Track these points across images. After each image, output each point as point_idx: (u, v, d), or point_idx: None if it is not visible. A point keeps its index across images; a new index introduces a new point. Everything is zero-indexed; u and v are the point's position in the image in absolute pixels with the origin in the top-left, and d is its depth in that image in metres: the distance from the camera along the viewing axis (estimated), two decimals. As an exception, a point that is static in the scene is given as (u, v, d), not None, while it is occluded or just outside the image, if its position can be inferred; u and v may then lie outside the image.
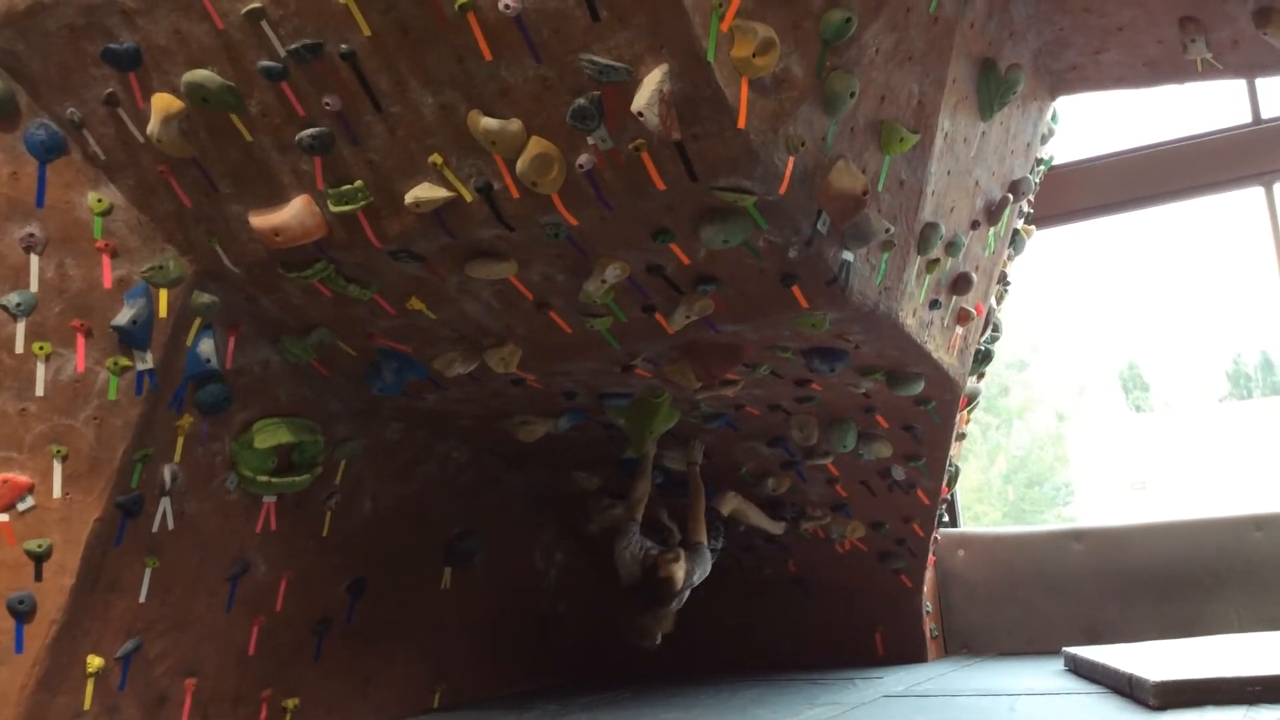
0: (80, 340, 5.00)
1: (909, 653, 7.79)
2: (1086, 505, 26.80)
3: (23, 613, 4.88)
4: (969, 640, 8.20)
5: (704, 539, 6.43)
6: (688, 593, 6.16)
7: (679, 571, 5.97)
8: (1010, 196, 6.38)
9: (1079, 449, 28.27)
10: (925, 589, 7.92)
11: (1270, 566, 7.39)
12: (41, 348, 4.95)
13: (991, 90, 5.58)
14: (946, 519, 8.46)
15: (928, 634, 7.90)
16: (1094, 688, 5.83)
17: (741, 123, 4.09)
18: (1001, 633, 8.09)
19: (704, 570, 6.33)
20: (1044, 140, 7.06)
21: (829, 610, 7.99)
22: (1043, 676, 6.51)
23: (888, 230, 5.01)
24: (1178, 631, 7.28)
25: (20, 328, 4.94)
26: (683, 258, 4.81)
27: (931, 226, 5.43)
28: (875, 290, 5.23)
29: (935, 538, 7.81)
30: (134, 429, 5.10)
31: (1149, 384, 32.23)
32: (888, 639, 7.86)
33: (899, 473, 7.02)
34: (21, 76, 4.83)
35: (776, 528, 7.41)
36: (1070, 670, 6.59)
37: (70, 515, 4.99)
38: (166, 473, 5.33)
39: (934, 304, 5.84)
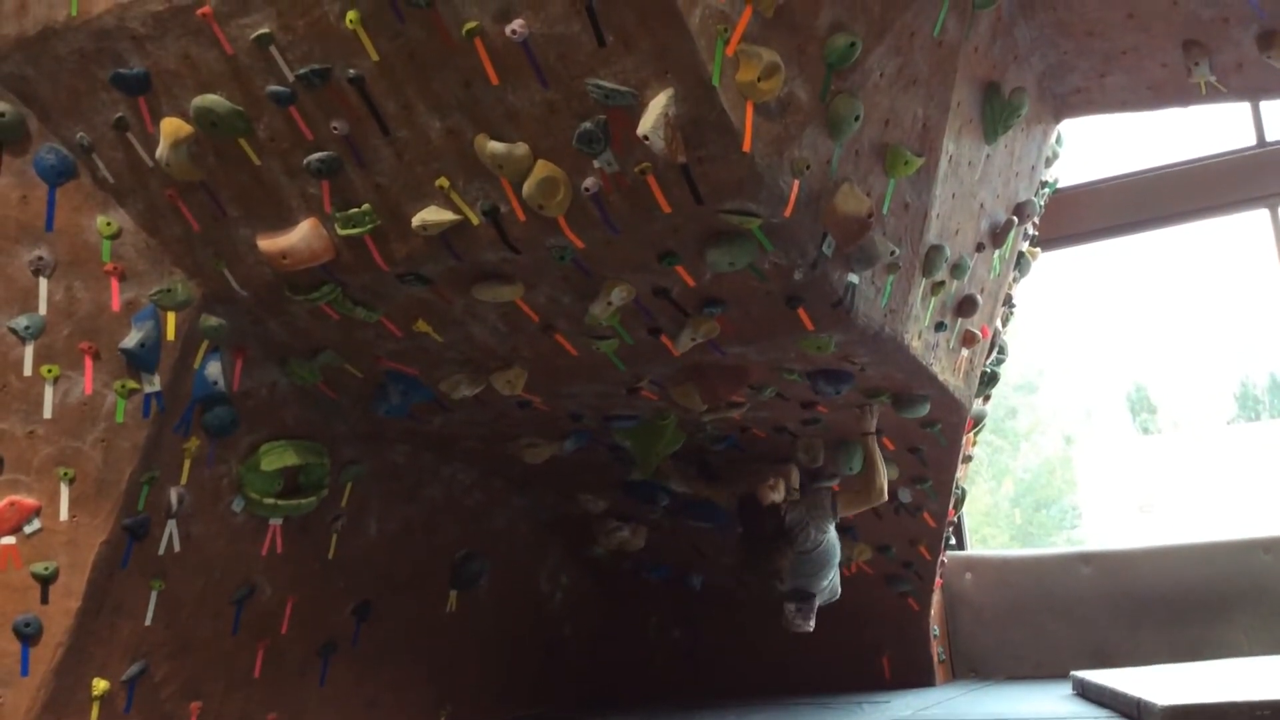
0: (88, 363, 5.02)
1: (916, 677, 7.75)
2: (1094, 528, 26.67)
3: (28, 636, 4.87)
4: (977, 664, 8.16)
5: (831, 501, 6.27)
6: (812, 537, 6.07)
7: (776, 495, 6.02)
8: (1015, 219, 6.39)
9: (1086, 472, 28.17)
10: (932, 612, 7.89)
11: (1279, 590, 7.36)
12: (50, 370, 4.97)
13: (996, 113, 5.60)
14: (954, 542, 8.44)
15: (935, 658, 7.86)
16: (1102, 712, 5.80)
17: (747, 146, 4.11)
18: (1009, 656, 8.05)
19: (820, 523, 6.16)
20: (1049, 163, 7.08)
21: (835, 633, 7.93)
22: (1051, 701, 6.48)
23: (893, 253, 5.02)
24: (1186, 655, 7.24)
25: (28, 350, 4.95)
26: (688, 280, 4.82)
27: (936, 249, 5.44)
28: (880, 313, 5.24)
29: (942, 561, 7.79)
30: (141, 451, 5.11)
31: (1156, 406, 32.11)
32: (895, 663, 7.83)
33: (905, 495, 7.01)
34: (32, 101, 4.86)
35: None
36: (1079, 694, 6.56)
37: (77, 538, 4.99)
38: (173, 495, 5.33)
39: (939, 326, 5.85)
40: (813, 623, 6.23)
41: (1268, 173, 8.05)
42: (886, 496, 6.32)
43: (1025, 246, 7.13)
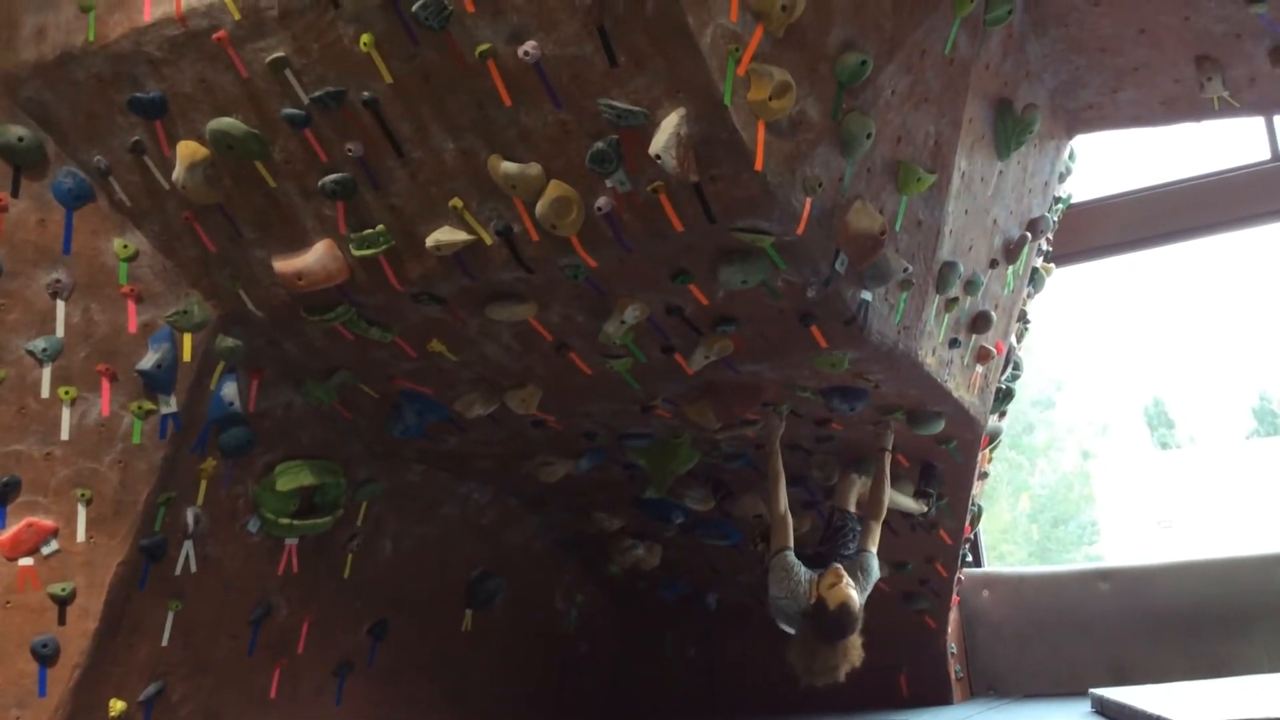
0: (105, 384, 5.05)
1: (934, 695, 7.70)
2: (1112, 544, 26.50)
3: (46, 656, 4.89)
4: (994, 682, 8.11)
5: (873, 545, 5.68)
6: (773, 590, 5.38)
7: (852, 592, 5.10)
8: (1029, 235, 6.38)
9: (1104, 487, 28.01)
10: (950, 630, 7.85)
11: (1300, 606, 7.31)
12: (67, 392, 5.00)
13: (1008, 130, 5.60)
14: (970, 559, 8.40)
15: (952, 675, 7.81)
16: (1122, 730, 5.76)
17: (759, 165, 4.12)
18: (1027, 674, 8.00)
19: (873, 575, 5.54)
20: (1062, 178, 7.07)
21: (852, 651, 7.91)
22: (1070, 719, 6.43)
23: (906, 269, 5.02)
24: (1206, 672, 7.18)
25: (46, 372, 4.99)
26: (701, 298, 4.83)
27: (950, 265, 5.43)
28: (894, 329, 5.23)
29: (959, 578, 7.75)
30: (158, 472, 5.14)
31: (1174, 421, 31.96)
32: (912, 681, 7.78)
33: (921, 512, 6.97)
34: (50, 125, 4.91)
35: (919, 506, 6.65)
36: (1097, 712, 6.50)
37: (94, 559, 5.02)
38: (189, 516, 5.35)
39: (953, 342, 5.84)
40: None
41: (1282, 186, 8.02)
42: (884, 513, 5.95)
43: (1039, 262, 7.11)
